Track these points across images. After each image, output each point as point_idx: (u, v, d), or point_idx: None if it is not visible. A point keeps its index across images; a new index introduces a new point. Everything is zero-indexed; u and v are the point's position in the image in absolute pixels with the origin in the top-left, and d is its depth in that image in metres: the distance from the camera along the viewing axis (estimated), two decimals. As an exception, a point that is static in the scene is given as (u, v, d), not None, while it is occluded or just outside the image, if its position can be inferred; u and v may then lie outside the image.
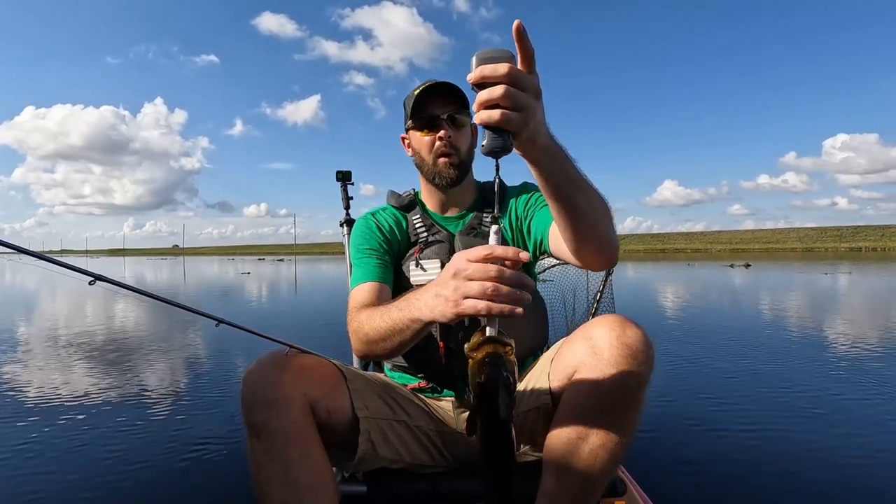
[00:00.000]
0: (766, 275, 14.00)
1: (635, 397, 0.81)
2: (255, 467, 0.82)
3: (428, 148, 1.08)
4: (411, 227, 1.16)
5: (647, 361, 0.80)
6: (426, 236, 1.14)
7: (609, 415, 0.82)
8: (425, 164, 1.10)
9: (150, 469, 1.84)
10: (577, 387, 0.84)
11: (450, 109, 1.06)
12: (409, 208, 1.19)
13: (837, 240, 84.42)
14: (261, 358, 0.86)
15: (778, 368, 3.20)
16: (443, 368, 1.08)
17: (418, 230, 1.15)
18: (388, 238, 1.14)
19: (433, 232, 1.14)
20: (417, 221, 1.16)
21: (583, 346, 0.86)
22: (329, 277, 16.26)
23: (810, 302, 7.26)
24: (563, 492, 0.86)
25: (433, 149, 1.07)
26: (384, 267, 1.10)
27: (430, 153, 1.08)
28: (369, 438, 0.92)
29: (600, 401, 0.81)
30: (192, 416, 2.45)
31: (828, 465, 1.77)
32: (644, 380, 0.80)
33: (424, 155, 1.09)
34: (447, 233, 1.14)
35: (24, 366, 3.56)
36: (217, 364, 3.63)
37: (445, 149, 1.06)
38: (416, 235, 1.14)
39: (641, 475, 1.36)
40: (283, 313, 7.02)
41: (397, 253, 1.15)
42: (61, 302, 8.63)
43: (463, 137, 1.09)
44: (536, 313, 1.17)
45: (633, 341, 0.80)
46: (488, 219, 1.14)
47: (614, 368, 0.80)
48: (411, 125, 1.10)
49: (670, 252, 66.92)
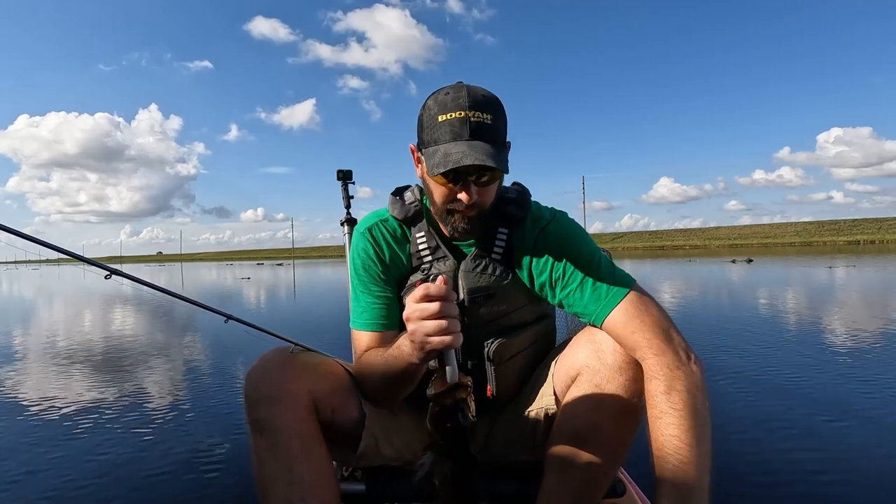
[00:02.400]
0: (769, 270, 13.89)
1: (638, 401, 0.82)
2: (258, 464, 0.83)
3: (443, 197, 0.90)
4: (414, 245, 1.01)
5: None
6: (430, 261, 0.99)
7: (612, 418, 0.83)
8: (435, 205, 0.94)
9: (152, 465, 1.85)
10: (581, 389, 0.85)
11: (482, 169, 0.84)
12: (413, 221, 1.02)
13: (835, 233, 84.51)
14: (265, 355, 0.87)
15: (782, 367, 3.15)
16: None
17: (422, 253, 1.00)
18: (387, 265, 1.01)
19: (438, 256, 0.99)
20: (422, 240, 1.00)
21: (587, 349, 0.87)
22: (328, 280, 16.23)
23: (817, 297, 7.17)
24: (565, 492, 0.86)
25: (449, 202, 0.90)
26: (385, 307, 1.00)
27: (444, 202, 0.91)
28: (372, 435, 0.93)
29: (604, 404, 0.82)
30: (197, 411, 2.47)
31: (836, 469, 1.73)
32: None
33: (437, 198, 0.91)
34: (452, 260, 0.98)
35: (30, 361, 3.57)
36: (223, 360, 3.66)
37: (463, 208, 0.89)
38: (419, 259, 1.00)
39: (640, 476, 1.36)
40: (286, 313, 7.07)
41: (398, 277, 1.03)
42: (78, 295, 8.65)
43: (491, 192, 0.91)
44: (547, 329, 1.09)
45: None
46: (503, 239, 0.98)
47: (618, 372, 0.82)
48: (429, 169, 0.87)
49: (669, 249, 66.91)
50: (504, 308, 0.98)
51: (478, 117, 0.84)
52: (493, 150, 0.83)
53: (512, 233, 0.98)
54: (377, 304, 1.00)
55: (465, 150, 0.81)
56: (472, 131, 0.83)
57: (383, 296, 1.01)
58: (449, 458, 0.71)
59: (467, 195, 0.86)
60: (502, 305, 0.98)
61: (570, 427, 0.86)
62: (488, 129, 0.84)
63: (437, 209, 0.94)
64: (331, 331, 5.17)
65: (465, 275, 0.97)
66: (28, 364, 3.86)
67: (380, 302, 1.00)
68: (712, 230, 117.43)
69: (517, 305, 1.00)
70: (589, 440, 0.84)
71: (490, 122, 0.85)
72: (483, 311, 0.97)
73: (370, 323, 0.99)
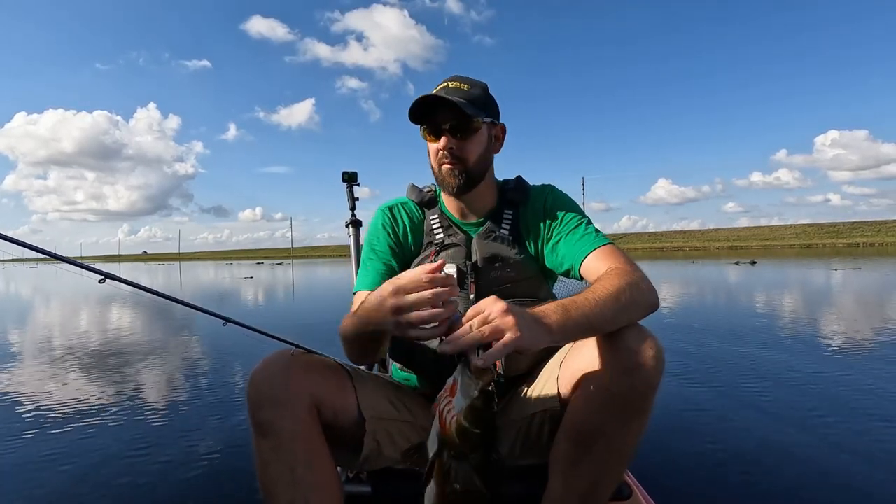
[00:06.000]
0: (774, 272, 13.85)
1: (645, 403, 0.81)
2: (261, 466, 0.82)
3: (433, 155, 1.06)
4: (428, 225, 1.13)
5: (658, 367, 0.79)
6: (442, 238, 1.10)
7: (618, 420, 0.81)
8: (433, 171, 1.08)
9: (155, 468, 1.84)
10: (587, 391, 0.84)
11: (452, 117, 1.01)
12: (429, 205, 1.16)
13: (834, 236, 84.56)
14: (267, 357, 0.87)
15: (789, 369, 3.13)
16: (437, 368, 1.08)
17: (435, 230, 1.11)
18: (401, 239, 1.13)
19: (450, 233, 1.10)
20: (435, 221, 1.13)
21: (593, 350, 0.85)
22: (328, 280, 16.22)
23: (826, 299, 7.14)
24: (570, 495, 0.86)
25: (437, 156, 1.05)
26: (389, 273, 1.07)
27: (435, 160, 1.06)
28: (375, 438, 0.92)
29: (610, 406, 0.81)
30: (199, 415, 2.46)
31: (840, 471, 1.72)
32: (654, 385, 0.80)
33: (431, 160, 1.07)
34: (464, 235, 1.10)
35: (29, 363, 3.55)
36: (223, 363, 3.64)
37: (446, 158, 1.03)
38: (431, 235, 1.11)
39: (646, 478, 1.36)
40: (287, 314, 7.05)
41: (411, 252, 1.13)
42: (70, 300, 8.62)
43: (471, 146, 1.04)
44: None
45: (645, 346, 0.80)
46: (509, 219, 1.10)
47: (625, 373, 0.79)
48: (420, 129, 1.07)
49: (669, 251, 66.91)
50: (513, 275, 1.06)
51: (455, 82, 1.04)
52: (461, 100, 0.99)
53: (516, 212, 1.11)
54: (384, 269, 1.09)
55: (430, 97, 0.99)
56: (447, 90, 1.02)
57: (390, 265, 1.10)
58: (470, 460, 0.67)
59: (445, 139, 1.02)
60: (511, 272, 1.06)
61: (575, 429, 0.85)
62: (462, 92, 1.02)
63: (434, 174, 1.08)
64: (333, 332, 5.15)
65: (478, 242, 1.08)
66: (27, 367, 3.84)
67: (386, 269, 1.09)
68: (711, 232, 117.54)
69: (525, 275, 1.08)
70: (595, 442, 0.82)
71: (466, 89, 1.03)
72: (493, 274, 1.06)
73: (371, 283, 1.06)
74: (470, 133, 1.03)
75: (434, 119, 1.03)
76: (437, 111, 1.02)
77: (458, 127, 1.01)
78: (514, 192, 1.13)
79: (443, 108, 1.01)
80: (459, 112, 0.99)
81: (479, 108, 1.03)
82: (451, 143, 1.02)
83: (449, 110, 1.01)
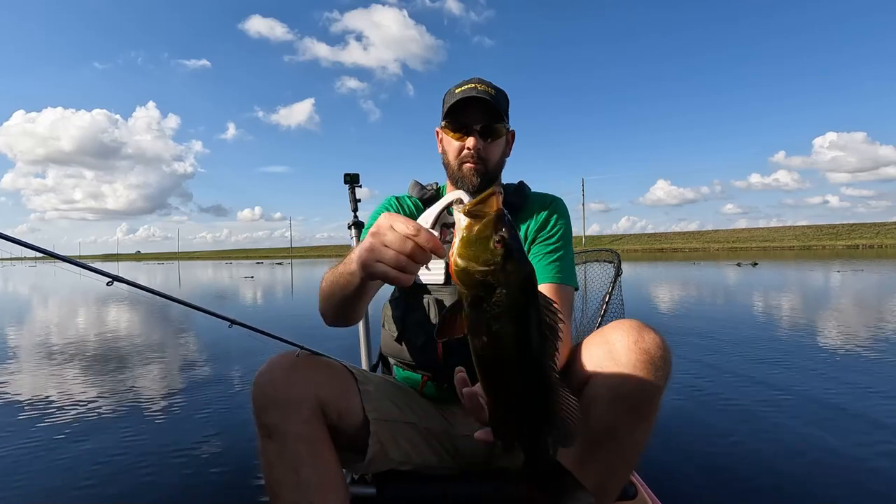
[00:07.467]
0: (777, 274, 13.81)
1: (652, 403, 0.81)
2: (267, 468, 0.83)
3: (456, 152, 1.08)
4: None
5: (665, 367, 0.80)
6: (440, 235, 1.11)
7: (625, 420, 0.81)
8: (450, 167, 1.11)
9: (161, 470, 1.84)
10: (593, 391, 0.84)
11: (484, 119, 1.05)
12: (429, 202, 1.18)
13: (834, 237, 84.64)
14: (272, 359, 0.87)
15: (795, 370, 3.12)
16: (442, 366, 1.08)
17: (433, 227, 1.13)
18: None
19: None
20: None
21: (600, 350, 0.85)
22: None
23: (828, 301, 7.13)
24: None
25: (460, 154, 1.07)
26: None
27: (456, 157, 1.08)
28: (379, 440, 0.92)
29: (617, 406, 0.81)
30: (204, 416, 2.46)
31: (844, 472, 1.72)
32: (661, 385, 0.80)
33: (451, 157, 1.09)
34: None
35: (29, 363, 3.55)
36: (228, 365, 3.64)
37: (471, 158, 1.06)
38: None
39: (652, 479, 1.36)
40: (287, 314, 7.08)
41: None
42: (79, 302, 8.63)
43: (495, 148, 1.09)
44: None
45: (652, 347, 0.80)
46: None
47: (632, 374, 0.80)
48: (444, 125, 1.10)
49: (668, 252, 66.94)
50: None
51: (483, 85, 1.06)
52: (493, 105, 1.02)
53: (516, 215, 1.13)
54: None
55: (469, 93, 1.03)
56: (478, 92, 1.03)
57: None
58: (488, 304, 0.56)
59: (474, 140, 1.04)
60: None
61: (582, 429, 0.85)
62: (491, 97, 1.04)
63: (450, 168, 1.10)
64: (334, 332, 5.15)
65: None
66: (28, 368, 3.84)
67: None
68: (710, 233, 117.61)
69: None
70: (602, 443, 0.82)
71: (493, 94, 1.05)
72: None
73: None
74: (497, 136, 1.08)
75: (462, 117, 1.06)
76: (466, 109, 1.05)
77: (488, 129, 1.06)
78: (513, 195, 1.16)
79: (473, 107, 1.04)
80: (491, 116, 1.04)
81: (505, 119, 1.08)
82: (480, 144, 1.05)
83: (480, 112, 1.05)
